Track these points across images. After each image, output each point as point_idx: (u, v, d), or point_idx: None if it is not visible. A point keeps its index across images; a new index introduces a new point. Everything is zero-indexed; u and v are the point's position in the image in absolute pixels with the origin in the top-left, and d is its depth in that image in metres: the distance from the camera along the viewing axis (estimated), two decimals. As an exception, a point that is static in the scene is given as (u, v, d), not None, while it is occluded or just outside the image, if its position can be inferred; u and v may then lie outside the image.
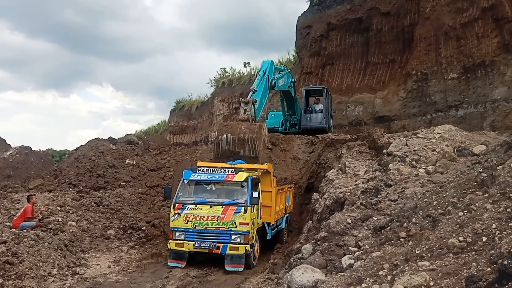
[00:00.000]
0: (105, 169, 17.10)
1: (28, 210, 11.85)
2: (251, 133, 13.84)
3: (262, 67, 18.08)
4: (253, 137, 13.78)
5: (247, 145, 13.76)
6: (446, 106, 21.85)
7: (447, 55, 21.96)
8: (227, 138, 13.75)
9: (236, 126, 14.21)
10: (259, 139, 13.91)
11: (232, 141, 13.74)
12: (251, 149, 13.68)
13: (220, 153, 13.88)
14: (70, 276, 9.73)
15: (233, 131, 13.91)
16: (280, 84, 19.56)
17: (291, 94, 21.99)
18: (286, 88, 20.92)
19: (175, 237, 11.10)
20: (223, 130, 14.12)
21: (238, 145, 13.74)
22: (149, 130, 58.19)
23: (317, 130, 21.36)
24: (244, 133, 13.82)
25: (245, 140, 13.74)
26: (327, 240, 7.47)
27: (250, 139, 13.75)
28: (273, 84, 18.21)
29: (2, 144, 33.39)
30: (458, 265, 4.03)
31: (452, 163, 9.58)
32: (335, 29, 28.32)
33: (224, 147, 13.75)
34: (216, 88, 43.15)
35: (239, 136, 13.76)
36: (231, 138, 13.78)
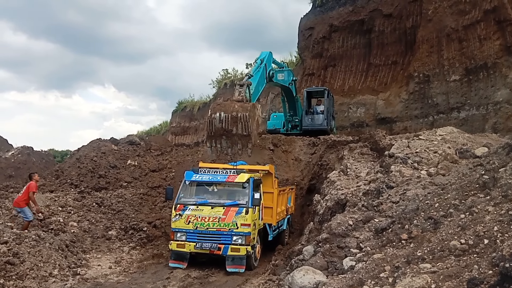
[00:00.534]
0: (106, 169, 17.10)
1: (32, 185, 11.65)
2: (244, 111, 13.96)
3: (260, 56, 18.30)
4: (246, 115, 13.92)
5: (240, 123, 13.96)
6: (448, 108, 21.84)
7: (449, 57, 21.96)
8: (220, 116, 13.93)
9: (229, 105, 14.32)
10: (252, 117, 14.05)
11: (225, 119, 13.92)
12: (243, 127, 13.88)
13: (213, 131, 14.10)
14: (71, 276, 9.72)
15: (226, 109, 14.03)
16: (279, 78, 19.85)
17: (292, 93, 22.02)
18: (286, 85, 21.08)
19: (177, 238, 11.09)
20: (216, 108, 14.23)
21: (231, 123, 13.96)
22: (151, 130, 58.26)
23: (319, 132, 21.42)
24: (237, 111, 13.95)
25: (237, 118, 13.91)
26: (329, 241, 7.44)
27: (243, 117, 13.89)
28: (271, 74, 18.47)
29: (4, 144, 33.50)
30: (460, 267, 4.02)
31: (454, 165, 9.56)
32: (338, 31, 28.35)
33: (217, 125, 13.98)
34: (218, 89, 43.20)
35: (232, 114, 13.90)
36: (224, 116, 13.94)
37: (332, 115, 23.11)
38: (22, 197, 11.61)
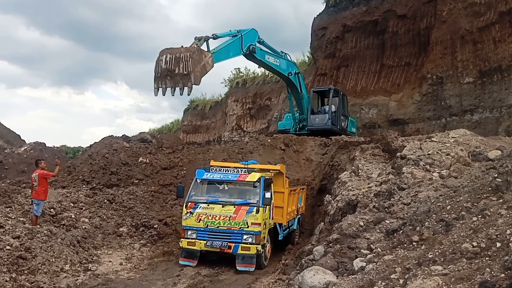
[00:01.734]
0: (118, 166, 17.21)
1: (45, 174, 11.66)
2: (187, 52, 14.61)
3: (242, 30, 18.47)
4: (187, 55, 14.49)
5: (181, 62, 14.49)
6: (461, 110, 21.65)
7: (463, 59, 21.77)
8: (166, 57, 14.61)
9: (176, 49, 14.94)
10: (195, 59, 14.56)
11: (169, 60, 14.53)
12: (184, 66, 14.39)
13: (159, 72, 14.77)
14: (82, 272, 9.81)
15: (172, 52, 14.71)
16: (269, 60, 20.04)
17: (296, 88, 21.98)
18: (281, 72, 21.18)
19: (187, 235, 11.15)
20: (163, 51, 14.88)
21: (174, 64, 14.54)
22: (162, 128, 58.45)
23: (324, 132, 21.31)
24: (180, 52, 14.61)
25: (180, 58, 14.45)
26: (339, 242, 7.44)
27: (184, 57, 14.45)
28: (251, 49, 18.55)
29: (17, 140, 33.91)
30: (472, 270, 4.00)
31: (467, 168, 9.51)
32: (351, 31, 28.22)
33: (162, 66, 14.66)
34: (230, 88, 43.23)
35: (175, 55, 14.55)
36: (169, 57, 14.56)
37: (344, 114, 22.87)
38: (41, 188, 11.53)
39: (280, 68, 21.02)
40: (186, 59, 14.51)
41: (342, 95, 23.15)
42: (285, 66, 21.37)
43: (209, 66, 15.69)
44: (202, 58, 15.19)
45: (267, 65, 20.67)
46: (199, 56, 14.99)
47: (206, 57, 15.50)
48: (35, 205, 11.54)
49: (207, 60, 15.50)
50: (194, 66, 14.62)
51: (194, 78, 14.64)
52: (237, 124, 39.81)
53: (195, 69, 14.66)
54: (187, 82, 14.71)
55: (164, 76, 14.74)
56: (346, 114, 23.10)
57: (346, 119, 23.00)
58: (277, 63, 20.71)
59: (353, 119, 24.43)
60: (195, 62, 14.68)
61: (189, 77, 14.52)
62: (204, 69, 15.43)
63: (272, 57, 20.44)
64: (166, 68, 14.62)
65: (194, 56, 14.67)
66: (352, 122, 23.94)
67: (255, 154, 18.15)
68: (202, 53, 15.37)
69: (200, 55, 15.13)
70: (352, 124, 23.78)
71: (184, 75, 14.57)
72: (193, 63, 14.59)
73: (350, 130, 23.21)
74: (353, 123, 23.99)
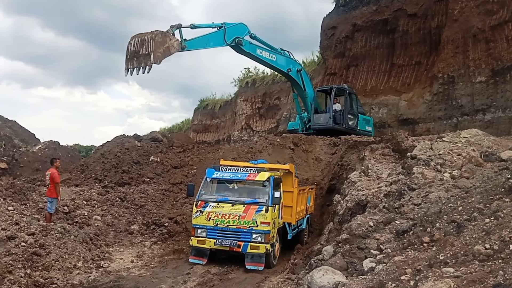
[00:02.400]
0: (130, 165, 17.36)
1: (55, 176, 11.79)
2: (150, 34, 16.13)
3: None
4: (149, 37, 16.02)
5: (145, 44, 15.97)
6: (473, 110, 21.45)
7: (475, 58, 21.55)
8: (134, 41, 16.17)
9: (144, 33, 16.47)
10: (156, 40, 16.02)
11: (136, 43, 16.15)
12: (146, 47, 15.92)
13: (128, 54, 16.35)
14: (95, 269, 9.94)
15: (139, 36, 16.26)
16: (259, 53, 20.54)
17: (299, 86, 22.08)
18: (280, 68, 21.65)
19: (197, 234, 11.21)
20: (133, 36, 16.43)
21: (139, 46, 16.03)
22: (173, 128, 58.59)
23: (329, 131, 21.26)
24: (145, 35, 16.12)
25: (143, 40, 16.00)
26: (349, 242, 7.45)
27: (147, 39, 15.97)
28: (237, 41, 19.37)
29: (32, 138, 34.33)
30: (484, 273, 3.98)
31: (479, 168, 9.45)
32: (361, 30, 28.07)
33: (131, 49, 16.15)
34: (240, 88, 43.23)
35: (141, 38, 16.02)
36: (136, 41, 16.16)
37: (352, 113, 22.41)
38: (52, 187, 11.78)
39: (277, 63, 21.41)
40: (148, 40, 16.01)
41: (349, 93, 22.75)
42: (284, 62, 21.62)
43: (173, 48, 16.92)
44: (166, 41, 16.54)
45: (261, 60, 21.07)
46: (162, 38, 16.38)
47: (171, 40, 16.83)
48: (48, 203, 11.74)
49: (172, 43, 16.82)
50: (156, 47, 16.02)
51: (154, 57, 15.99)
52: (247, 124, 39.82)
53: (157, 50, 16.06)
54: (148, 61, 16.11)
55: (132, 57, 16.27)
56: (354, 112, 22.60)
57: (355, 117, 22.53)
58: (273, 58, 21.13)
59: (369, 117, 23.91)
60: (157, 43, 16.08)
61: (149, 57, 15.95)
62: (168, 51, 16.73)
63: (266, 52, 20.89)
64: (134, 50, 16.18)
65: (156, 39, 16.10)
66: (367, 120, 23.45)
67: (264, 154, 18.18)
68: (167, 36, 16.67)
69: (164, 38, 16.50)
70: (366, 122, 23.30)
71: (146, 55, 16.05)
72: (155, 44, 15.99)
73: (363, 128, 22.75)
74: (368, 121, 23.48)
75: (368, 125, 23.39)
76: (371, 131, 23.13)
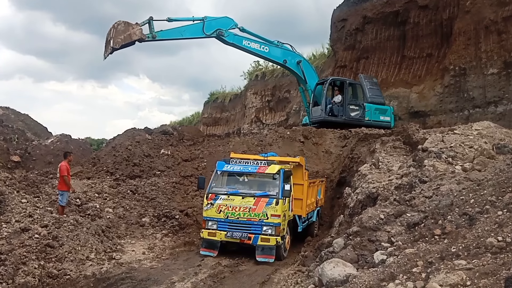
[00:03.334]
0: (140, 158, 17.46)
1: (62, 168, 12.04)
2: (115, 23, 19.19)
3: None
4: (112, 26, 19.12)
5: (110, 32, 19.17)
6: (484, 102, 21.22)
7: (487, 49, 21.28)
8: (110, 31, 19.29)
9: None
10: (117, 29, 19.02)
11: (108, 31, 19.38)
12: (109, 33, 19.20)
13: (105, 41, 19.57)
14: (107, 260, 10.06)
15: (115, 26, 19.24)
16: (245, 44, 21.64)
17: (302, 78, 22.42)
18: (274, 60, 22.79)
19: (208, 226, 11.29)
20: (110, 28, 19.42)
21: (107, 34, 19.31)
22: (183, 121, 58.72)
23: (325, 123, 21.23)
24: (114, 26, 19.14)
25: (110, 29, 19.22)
26: (359, 234, 7.44)
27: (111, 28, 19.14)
28: (218, 33, 20.89)
29: (44, 132, 34.66)
30: (497, 265, 3.97)
31: (491, 161, 9.36)
32: (371, 23, 27.83)
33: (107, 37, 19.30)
34: (249, 81, 43.17)
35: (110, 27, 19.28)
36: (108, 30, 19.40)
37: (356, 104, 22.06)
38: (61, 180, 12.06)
39: (271, 55, 22.30)
40: (111, 29, 19.11)
41: (350, 83, 22.69)
42: (279, 54, 22.26)
43: (135, 36, 19.32)
44: (129, 29, 19.19)
45: (251, 51, 22.13)
46: (125, 27, 19.15)
47: (134, 28, 19.36)
48: (59, 196, 11.93)
49: (134, 31, 19.31)
50: (117, 34, 18.94)
51: (113, 42, 18.89)
52: (256, 117, 39.80)
53: (117, 36, 18.93)
54: (108, 46, 19.18)
55: (107, 45, 19.43)
56: (359, 103, 22.17)
57: (360, 108, 22.04)
58: (265, 49, 21.97)
59: (386, 107, 23.02)
60: (118, 31, 18.95)
61: (109, 42, 19.01)
62: (129, 37, 19.23)
63: (256, 44, 21.83)
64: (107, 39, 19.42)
65: (118, 28, 19.03)
66: (382, 110, 22.61)
67: (274, 147, 18.19)
68: (129, 26, 19.31)
69: (127, 27, 19.22)
70: (381, 112, 22.49)
71: (108, 41, 19.22)
72: (116, 32, 18.93)
73: (375, 119, 22.12)
74: (384, 111, 22.62)
75: (384, 115, 22.57)
76: (388, 121, 22.37)
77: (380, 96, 23.04)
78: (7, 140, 23.36)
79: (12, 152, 21.17)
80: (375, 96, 22.72)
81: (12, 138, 24.06)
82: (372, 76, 24.83)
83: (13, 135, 24.54)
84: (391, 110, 23.11)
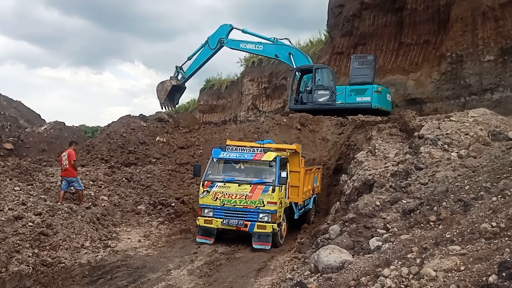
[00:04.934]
0: (136, 145, 17.41)
1: (72, 154, 12.51)
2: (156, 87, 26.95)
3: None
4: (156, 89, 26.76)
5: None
6: (481, 89, 21.20)
7: (484, 36, 21.19)
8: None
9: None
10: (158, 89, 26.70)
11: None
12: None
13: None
14: (102, 248, 10.01)
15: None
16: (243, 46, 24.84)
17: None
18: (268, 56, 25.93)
19: (204, 214, 11.29)
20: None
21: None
22: (179, 108, 58.16)
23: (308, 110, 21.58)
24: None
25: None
26: (355, 221, 7.44)
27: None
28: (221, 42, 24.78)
29: (37, 119, 34.40)
30: (490, 250, 3.96)
31: (486, 148, 9.38)
32: (368, 9, 27.64)
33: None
34: (246, 68, 42.94)
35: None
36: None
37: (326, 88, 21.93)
38: (70, 167, 12.34)
39: (264, 52, 25.10)
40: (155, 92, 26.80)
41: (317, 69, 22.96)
42: (272, 49, 24.30)
43: (168, 86, 26.12)
44: (164, 86, 26.36)
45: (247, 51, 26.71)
46: (161, 86, 26.55)
47: (166, 83, 26.35)
48: (75, 183, 12.37)
49: (167, 84, 26.24)
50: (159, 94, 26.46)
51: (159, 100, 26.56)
52: (253, 104, 39.70)
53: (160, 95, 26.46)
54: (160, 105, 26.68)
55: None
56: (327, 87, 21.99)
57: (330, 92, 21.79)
58: (259, 48, 24.58)
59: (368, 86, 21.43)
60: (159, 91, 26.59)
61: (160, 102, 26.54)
62: (166, 90, 26.15)
63: (251, 44, 24.58)
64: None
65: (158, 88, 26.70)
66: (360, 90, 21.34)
67: (271, 134, 18.16)
68: (164, 83, 26.48)
69: (162, 86, 26.48)
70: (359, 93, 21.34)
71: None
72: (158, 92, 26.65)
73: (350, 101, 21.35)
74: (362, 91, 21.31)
75: (362, 95, 21.30)
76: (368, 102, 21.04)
77: (366, 75, 21.85)
78: (-1, 127, 23.26)
79: (5, 140, 21.03)
80: (359, 76, 21.90)
81: (5, 126, 23.94)
82: (368, 55, 24.47)
83: (6, 122, 24.41)
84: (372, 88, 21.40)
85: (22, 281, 7.60)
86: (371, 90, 21.23)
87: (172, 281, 8.31)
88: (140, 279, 8.31)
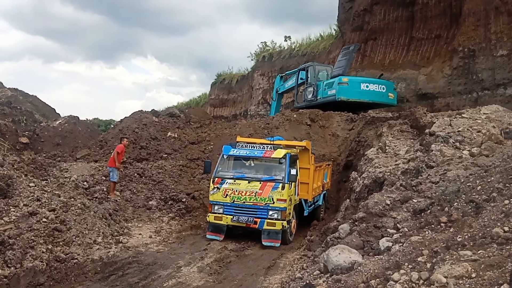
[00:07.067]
0: (147, 141, 17.53)
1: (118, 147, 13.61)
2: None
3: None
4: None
5: None
6: (493, 85, 20.92)
7: (497, 30, 20.87)
8: None
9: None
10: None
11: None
12: None
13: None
14: (114, 244, 10.12)
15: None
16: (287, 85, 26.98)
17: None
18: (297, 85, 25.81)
19: (214, 210, 11.36)
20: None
21: None
22: (190, 102, 58.64)
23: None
24: None
25: None
26: (365, 220, 7.43)
27: None
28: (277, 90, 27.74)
29: (52, 113, 34.87)
30: (503, 257, 3.93)
31: (499, 146, 9.27)
32: (379, 3, 27.38)
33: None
34: (257, 62, 42.91)
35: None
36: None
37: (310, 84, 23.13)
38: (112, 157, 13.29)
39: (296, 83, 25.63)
40: None
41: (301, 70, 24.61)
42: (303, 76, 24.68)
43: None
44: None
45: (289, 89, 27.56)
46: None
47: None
48: (110, 173, 13.31)
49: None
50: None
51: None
52: (263, 98, 39.65)
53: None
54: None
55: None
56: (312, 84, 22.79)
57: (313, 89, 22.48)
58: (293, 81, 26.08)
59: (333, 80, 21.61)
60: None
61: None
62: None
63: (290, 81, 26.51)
64: None
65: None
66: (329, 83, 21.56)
67: (281, 129, 18.15)
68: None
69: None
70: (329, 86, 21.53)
71: None
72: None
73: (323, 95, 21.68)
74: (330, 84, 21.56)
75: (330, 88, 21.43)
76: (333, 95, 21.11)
77: (340, 67, 22.02)
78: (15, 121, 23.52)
79: (21, 134, 21.33)
80: (336, 69, 22.30)
81: (21, 120, 24.22)
82: (353, 44, 24.58)
83: (22, 116, 24.69)
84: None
85: (36, 277, 7.73)
86: (336, 82, 21.33)
87: (182, 278, 8.37)
88: (151, 276, 8.39)
